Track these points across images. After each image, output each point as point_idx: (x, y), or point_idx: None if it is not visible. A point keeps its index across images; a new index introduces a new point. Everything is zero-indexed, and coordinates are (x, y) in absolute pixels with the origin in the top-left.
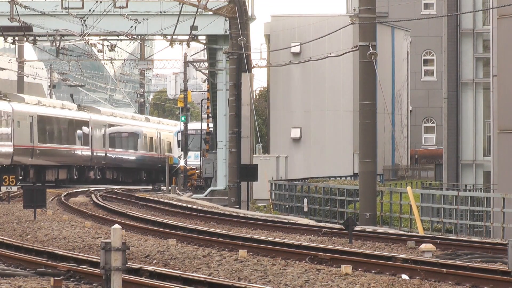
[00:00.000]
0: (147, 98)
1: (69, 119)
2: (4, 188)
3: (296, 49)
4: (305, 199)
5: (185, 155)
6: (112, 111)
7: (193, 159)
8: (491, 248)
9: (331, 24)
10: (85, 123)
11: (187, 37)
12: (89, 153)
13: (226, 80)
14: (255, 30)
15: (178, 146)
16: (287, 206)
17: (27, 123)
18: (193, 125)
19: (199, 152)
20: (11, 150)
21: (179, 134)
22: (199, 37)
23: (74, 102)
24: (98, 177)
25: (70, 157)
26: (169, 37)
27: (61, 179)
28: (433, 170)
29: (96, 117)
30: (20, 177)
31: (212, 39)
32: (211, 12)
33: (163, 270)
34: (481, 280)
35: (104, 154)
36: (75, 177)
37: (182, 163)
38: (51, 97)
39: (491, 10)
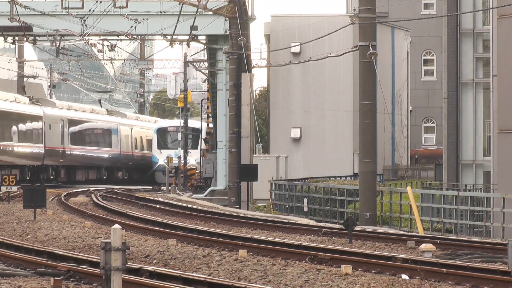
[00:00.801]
0: (147, 98)
1: (98, 123)
2: (4, 188)
3: (296, 49)
4: (305, 199)
5: (185, 155)
6: (137, 115)
7: (173, 157)
8: (491, 248)
9: (331, 24)
10: (114, 126)
11: (187, 37)
12: (117, 154)
13: (226, 80)
14: (255, 30)
15: (158, 145)
16: (287, 206)
17: (58, 126)
18: (173, 122)
19: (178, 150)
20: (42, 151)
21: (182, 133)
22: (199, 37)
23: (101, 107)
24: (126, 177)
25: (99, 159)
26: (169, 37)
27: (91, 179)
28: (433, 170)
29: (123, 121)
30: (52, 177)
31: (212, 39)
32: (211, 12)
33: (163, 270)
34: (481, 280)
35: (131, 156)
36: (105, 177)
37: (161, 162)
38: (51, 97)
39: (491, 10)
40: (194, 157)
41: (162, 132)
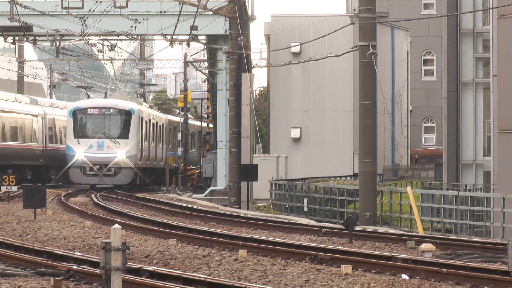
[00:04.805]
0: (147, 98)
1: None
2: (4, 188)
3: (296, 49)
4: (305, 199)
5: (185, 155)
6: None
7: (96, 149)
8: (491, 248)
9: (331, 24)
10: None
11: (187, 37)
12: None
13: (226, 80)
14: (255, 30)
15: (74, 133)
16: (287, 206)
17: None
18: (96, 102)
19: (105, 140)
20: None
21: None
22: (199, 37)
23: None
24: (29, 177)
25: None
26: (169, 37)
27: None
28: (433, 170)
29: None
30: None
31: (212, 39)
32: (211, 12)
33: (163, 270)
34: (481, 280)
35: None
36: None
37: (80, 155)
38: (51, 97)
39: (491, 10)
40: (123, 149)
41: (79, 115)
